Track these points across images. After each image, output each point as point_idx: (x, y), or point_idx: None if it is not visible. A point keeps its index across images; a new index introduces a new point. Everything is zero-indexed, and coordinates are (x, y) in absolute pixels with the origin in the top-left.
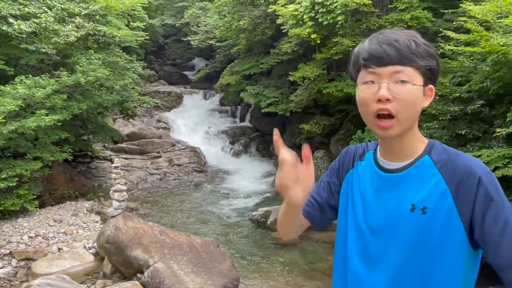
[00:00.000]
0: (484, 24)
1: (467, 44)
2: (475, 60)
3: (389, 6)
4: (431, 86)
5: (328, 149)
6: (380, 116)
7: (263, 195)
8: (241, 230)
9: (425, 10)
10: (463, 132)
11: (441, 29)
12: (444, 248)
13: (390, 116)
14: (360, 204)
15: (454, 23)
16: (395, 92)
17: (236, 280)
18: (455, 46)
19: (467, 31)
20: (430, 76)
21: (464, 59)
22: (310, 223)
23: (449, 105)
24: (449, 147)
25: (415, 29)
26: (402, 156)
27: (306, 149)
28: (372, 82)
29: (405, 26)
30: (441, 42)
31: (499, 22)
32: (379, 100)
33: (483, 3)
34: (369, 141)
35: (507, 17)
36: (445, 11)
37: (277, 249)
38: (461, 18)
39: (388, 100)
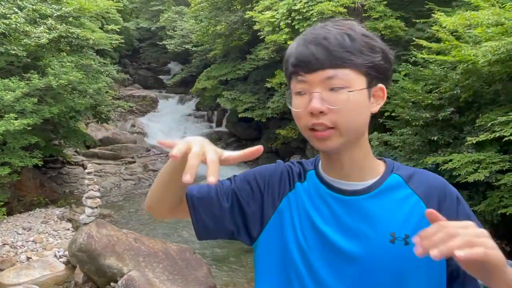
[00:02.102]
0: (454, 34)
1: (438, 52)
2: (445, 69)
3: (363, 14)
4: (380, 85)
5: (304, 154)
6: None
7: None
8: None
9: (398, 20)
10: (435, 138)
11: (413, 38)
12: (430, 285)
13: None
14: (323, 232)
15: (426, 32)
16: (330, 102)
17: (213, 287)
18: (427, 54)
19: (438, 40)
20: (375, 74)
21: (436, 67)
22: (188, 212)
23: (421, 112)
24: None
25: (388, 37)
26: (359, 174)
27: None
28: (304, 93)
29: (379, 34)
30: (414, 50)
31: (469, 32)
32: (313, 114)
33: (454, 15)
34: None
35: (476, 28)
36: (417, 20)
37: (253, 255)
38: (433, 28)
39: (322, 112)
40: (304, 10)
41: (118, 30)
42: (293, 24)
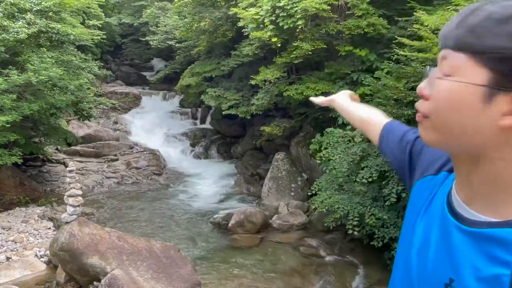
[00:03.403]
0: (436, 32)
1: (420, 50)
2: (427, 66)
3: (347, 12)
4: None
5: (289, 151)
6: None
7: (224, 198)
8: (202, 233)
9: (381, 18)
10: None
11: (396, 36)
12: None
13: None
14: (418, 245)
15: (408, 30)
16: (434, 87)
17: (197, 284)
18: (409, 52)
19: (420, 38)
20: (510, 74)
21: (417, 64)
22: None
23: (403, 109)
24: None
25: (371, 35)
26: (477, 201)
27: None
28: None
29: (362, 32)
30: (396, 48)
31: None
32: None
33: (435, 14)
34: (329, 144)
35: None
36: (399, 18)
37: (238, 252)
38: (415, 26)
39: (424, 97)
40: (288, 7)
41: (100, 26)
42: (277, 21)
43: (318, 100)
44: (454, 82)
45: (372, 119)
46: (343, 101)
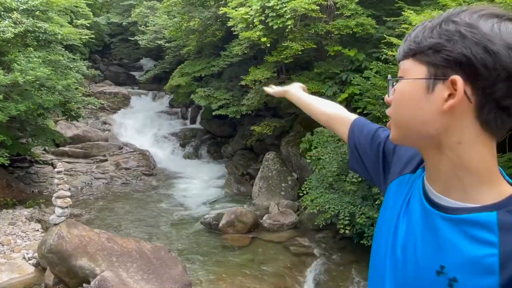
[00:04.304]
0: None
1: None
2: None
3: (336, 12)
4: (453, 77)
5: (279, 151)
6: None
7: (215, 198)
8: (193, 233)
9: (369, 18)
10: None
11: (384, 36)
12: None
13: None
14: (402, 241)
15: (396, 30)
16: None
17: (188, 285)
18: (397, 52)
19: None
20: (443, 64)
21: None
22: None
23: None
24: None
25: (360, 35)
26: (452, 190)
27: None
28: None
29: (351, 32)
30: (384, 48)
31: None
32: None
33: (422, 13)
34: (318, 143)
35: None
36: (388, 18)
37: (229, 252)
38: (403, 26)
39: (388, 103)
40: (278, 7)
41: (88, 25)
42: (266, 21)
43: (272, 90)
44: (404, 82)
45: (340, 115)
46: (299, 93)
